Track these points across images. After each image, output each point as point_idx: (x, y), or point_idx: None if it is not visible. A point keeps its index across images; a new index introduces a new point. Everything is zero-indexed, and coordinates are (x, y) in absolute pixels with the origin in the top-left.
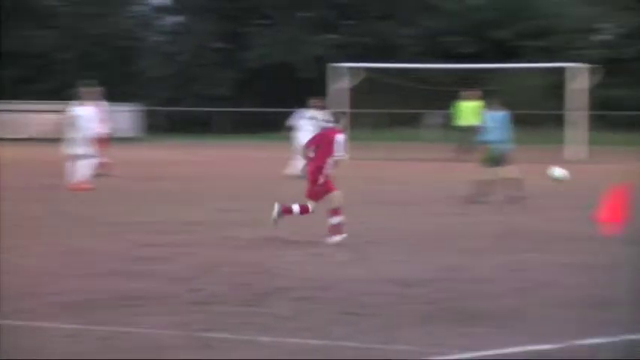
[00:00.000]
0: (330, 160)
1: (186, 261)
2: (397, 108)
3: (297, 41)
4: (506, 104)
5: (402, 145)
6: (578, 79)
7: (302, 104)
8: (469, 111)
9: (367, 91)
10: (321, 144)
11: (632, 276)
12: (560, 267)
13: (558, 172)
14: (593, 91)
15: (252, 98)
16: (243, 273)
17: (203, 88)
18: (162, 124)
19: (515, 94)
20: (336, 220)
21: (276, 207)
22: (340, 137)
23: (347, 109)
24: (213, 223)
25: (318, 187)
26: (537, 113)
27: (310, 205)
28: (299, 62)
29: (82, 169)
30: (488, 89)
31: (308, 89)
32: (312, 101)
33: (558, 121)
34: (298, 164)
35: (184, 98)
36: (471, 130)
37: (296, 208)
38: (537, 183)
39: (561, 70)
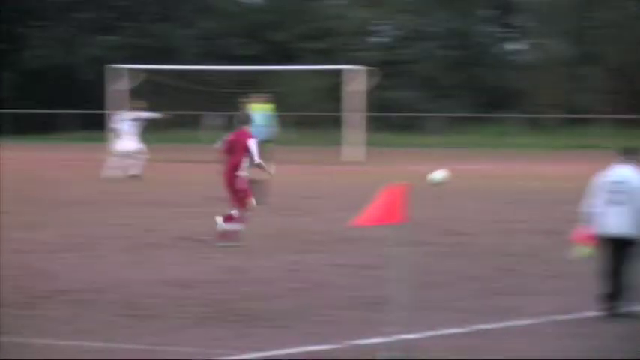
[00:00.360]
0: (244, 164)
1: None
2: (177, 109)
3: (75, 43)
4: (286, 106)
5: (182, 147)
6: (356, 80)
7: (82, 106)
8: (261, 114)
9: (147, 93)
10: (234, 148)
11: (405, 276)
12: (336, 268)
13: (438, 175)
14: (371, 92)
15: (33, 99)
16: (20, 276)
17: None
18: None
19: (294, 95)
20: (231, 226)
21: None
22: (252, 141)
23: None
24: None
25: (238, 191)
26: (316, 115)
27: (236, 211)
28: (78, 63)
29: None
30: (269, 91)
31: (88, 90)
32: (133, 103)
33: (336, 123)
34: (118, 165)
35: None
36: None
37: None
38: (314, 184)
39: (339, 72)
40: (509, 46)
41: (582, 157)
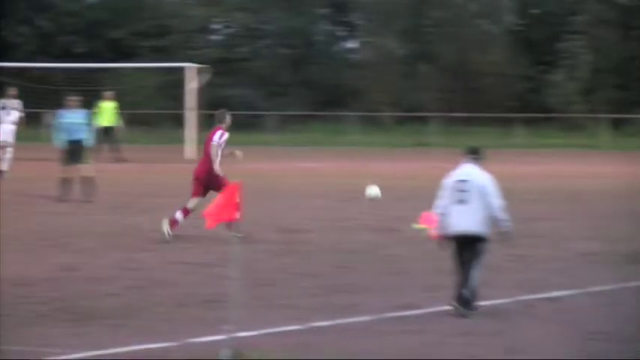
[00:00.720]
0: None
1: None
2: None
3: None
4: (125, 104)
5: (20, 145)
6: (194, 78)
7: None
8: (108, 111)
9: None
10: (207, 146)
11: (242, 274)
12: (173, 265)
13: (373, 191)
14: (207, 90)
15: None
16: None
17: None
18: None
19: (133, 93)
20: (180, 217)
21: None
22: (217, 134)
23: None
24: None
25: (213, 181)
26: (156, 113)
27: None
28: None
29: None
30: (105, 89)
31: None
32: (9, 90)
33: (178, 121)
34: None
35: None
36: (111, 130)
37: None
38: (155, 182)
39: (178, 69)
40: (346, 45)
41: (418, 154)
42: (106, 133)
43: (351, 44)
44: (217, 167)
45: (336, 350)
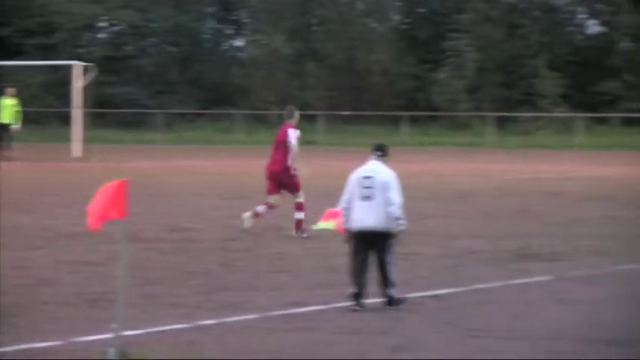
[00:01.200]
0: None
1: None
2: None
3: None
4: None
5: None
6: (79, 76)
7: None
8: (8, 108)
9: None
10: (278, 143)
11: (128, 273)
12: (60, 264)
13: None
14: (93, 88)
15: None
16: None
17: None
18: None
19: (20, 91)
20: (301, 215)
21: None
22: (292, 132)
23: None
24: None
25: (287, 180)
26: (43, 110)
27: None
28: None
29: None
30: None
31: None
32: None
33: (65, 119)
34: None
35: None
36: (7, 128)
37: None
38: (41, 181)
39: (65, 67)
40: (233, 43)
41: (305, 152)
42: (3, 130)
43: (238, 42)
44: (294, 166)
45: (222, 348)
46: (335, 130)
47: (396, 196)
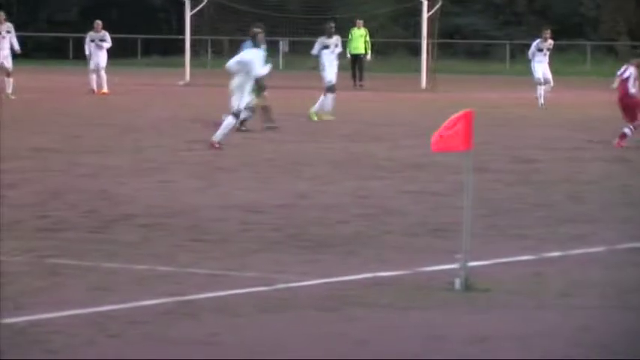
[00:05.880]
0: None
1: (32, 188)
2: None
3: None
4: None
5: None
6: (428, 7)
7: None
8: (358, 40)
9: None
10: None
11: (473, 204)
12: (404, 194)
13: None
14: (439, 19)
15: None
16: (89, 200)
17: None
18: None
19: (367, 21)
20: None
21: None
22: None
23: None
24: (60, 149)
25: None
26: (389, 41)
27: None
28: None
29: None
30: (342, 17)
31: (157, 16)
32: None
33: (413, 50)
34: None
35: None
36: (359, 58)
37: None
38: (387, 111)
39: None
40: None
41: None
42: (356, 60)
43: None
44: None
45: (566, 280)
46: None
47: None
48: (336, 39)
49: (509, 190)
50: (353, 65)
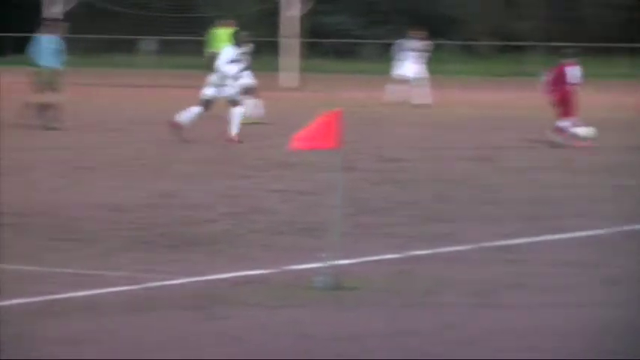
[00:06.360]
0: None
1: None
2: (113, 34)
3: None
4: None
5: (117, 72)
6: (292, 6)
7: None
8: (221, 38)
9: (83, 17)
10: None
11: (341, 202)
12: (272, 193)
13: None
14: (306, 17)
15: None
16: None
17: None
18: None
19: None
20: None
21: None
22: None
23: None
24: None
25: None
26: (256, 40)
27: None
28: None
29: None
30: (204, 16)
31: (24, 14)
32: None
33: (272, 49)
34: None
35: None
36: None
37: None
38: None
39: None
40: None
41: (516, 84)
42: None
43: None
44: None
45: (434, 278)
46: (548, 62)
47: None
48: (248, 47)
49: (376, 189)
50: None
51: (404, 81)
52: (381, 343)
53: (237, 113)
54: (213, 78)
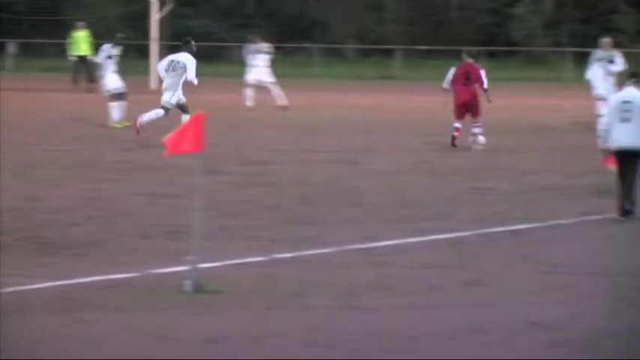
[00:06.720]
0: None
1: None
2: None
3: None
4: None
5: None
6: (158, 9)
7: None
8: (82, 41)
9: None
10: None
11: (206, 206)
12: (136, 196)
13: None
14: (169, 20)
15: None
16: None
17: None
18: None
19: (97, 24)
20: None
21: None
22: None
23: None
24: None
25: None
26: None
27: None
28: None
29: None
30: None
31: None
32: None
33: (142, 52)
34: None
35: None
36: (85, 59)
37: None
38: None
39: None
40: None
41: (382, 88)
42: (83, 62)
43: None
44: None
45: (298, 281)
46: (412, 65)
47: None
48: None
49: (240, 192)
50: (77, 67)
51: (254, 85)
52: (245, 345)
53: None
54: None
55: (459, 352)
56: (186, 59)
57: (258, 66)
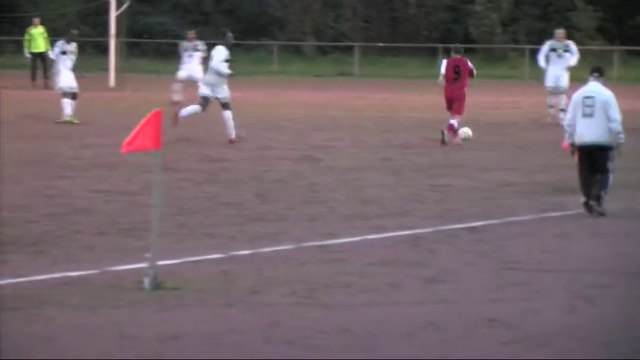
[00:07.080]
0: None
1: None
2: None
3: None
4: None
5: None
6: (117, 6)
7: None
8: (39, 37)
9: None
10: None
11: (164, 203)
12: (94, 193)
13: (465, 132)
14: (127, 17)
15: None
16: None
17: None
18: None
19: (55, 21)
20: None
21: None
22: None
23: None
24: None
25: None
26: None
27: None
28: None
29: None
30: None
31: None
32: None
33: (100, 49)
34: None
35: None
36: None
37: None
38: (76, 110)
39: None
40: None
41: (340, 84)
42: (38, 59)
43: None
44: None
45: (256, 278)
46: (370, 62)
47: (615, 114)
48: (75, 45)
49: (198, 189)
50: (35, 64)
51: (184, 81)
52: (203, 342)
53: (228, 116)
54: (207, 77)
55: (418, 348)
56: (215, 51)
57: (192, 63)
